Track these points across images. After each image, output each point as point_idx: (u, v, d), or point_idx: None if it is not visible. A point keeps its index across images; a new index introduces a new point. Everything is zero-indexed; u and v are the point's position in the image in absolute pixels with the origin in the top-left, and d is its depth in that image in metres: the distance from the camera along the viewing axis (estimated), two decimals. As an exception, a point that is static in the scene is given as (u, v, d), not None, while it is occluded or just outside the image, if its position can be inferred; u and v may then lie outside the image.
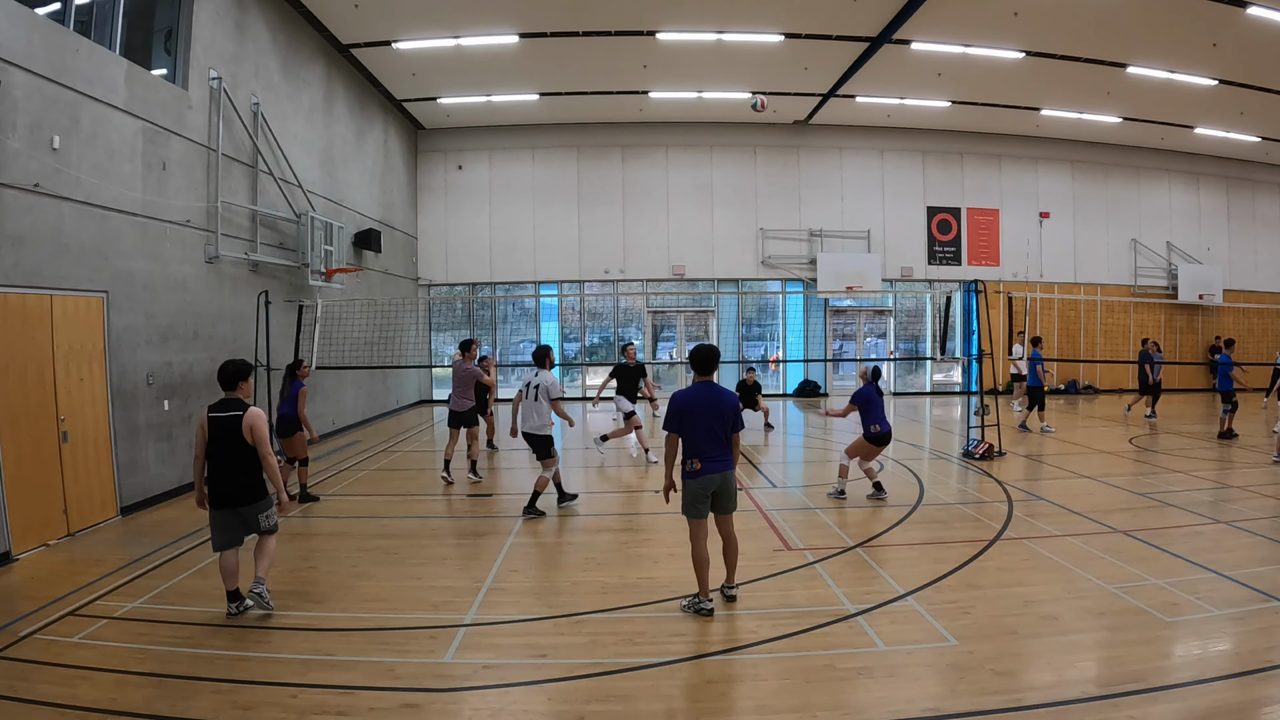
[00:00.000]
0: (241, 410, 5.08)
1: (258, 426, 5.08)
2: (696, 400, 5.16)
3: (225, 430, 5.05)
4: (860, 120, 19.82)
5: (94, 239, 7.76)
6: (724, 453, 5.17)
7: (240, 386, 5.17)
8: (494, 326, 20.78)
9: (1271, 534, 6.78)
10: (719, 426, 5.14)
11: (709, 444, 5.11)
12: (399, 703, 3.99)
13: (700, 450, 5.10)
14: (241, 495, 5.08)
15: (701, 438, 5.10)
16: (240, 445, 5.04)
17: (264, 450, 5.10)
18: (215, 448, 5.07)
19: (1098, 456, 11.25)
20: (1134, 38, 13.97)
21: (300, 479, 8.57)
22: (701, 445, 5.10)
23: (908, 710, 3.85)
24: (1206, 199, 22.07)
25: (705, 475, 5.09)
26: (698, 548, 5.16)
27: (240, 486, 5.08)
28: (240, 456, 5.06)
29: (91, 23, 8.10)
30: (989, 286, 14.65)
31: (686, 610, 5.13)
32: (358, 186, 15.67)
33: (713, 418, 5.12)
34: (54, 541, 6.95)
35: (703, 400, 5.16)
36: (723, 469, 5.14)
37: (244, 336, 10.62)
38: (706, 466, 5.09)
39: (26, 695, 4.06)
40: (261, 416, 5.14)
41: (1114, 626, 4.82)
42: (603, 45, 14.58)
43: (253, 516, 5.14)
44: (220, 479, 5.07)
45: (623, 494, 9.11)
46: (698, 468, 5.09)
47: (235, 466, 5.06)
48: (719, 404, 5.16)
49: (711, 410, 5.14)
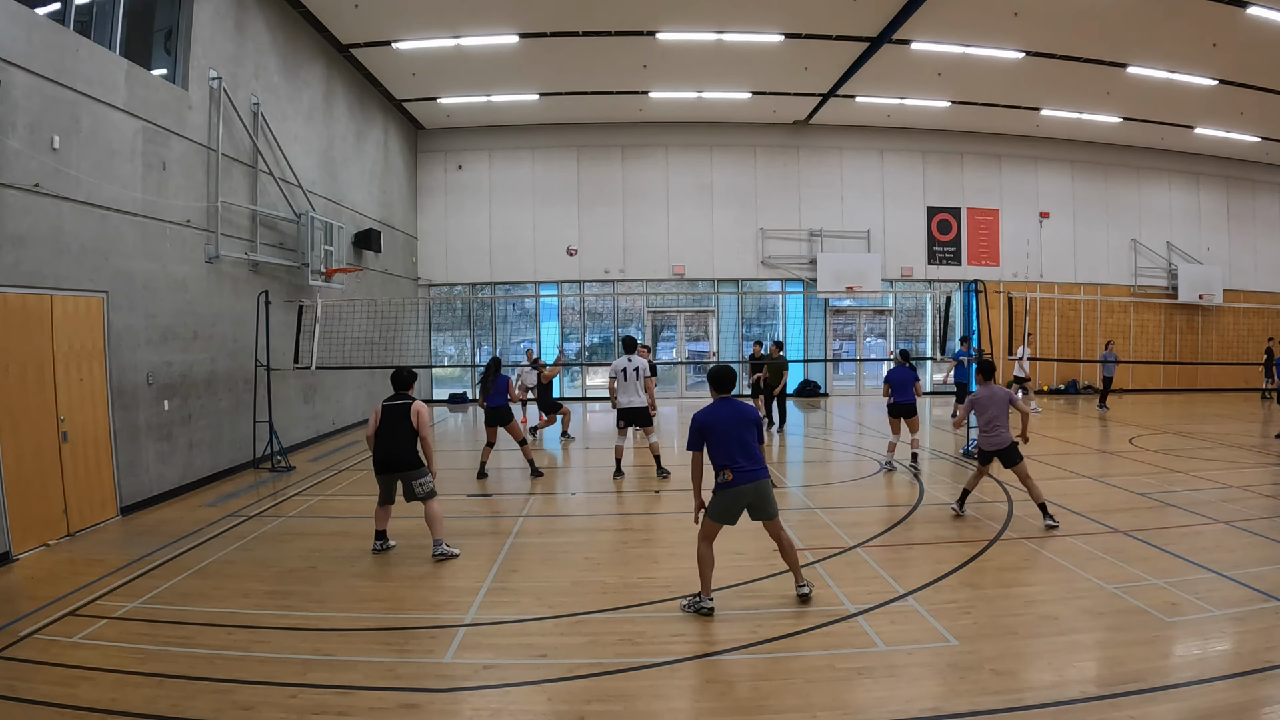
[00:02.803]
0: (410, 401, 6.57)
1: (422, 412, 6.51)
2: (719, 415, 5.17)
3: (396, 415, 6.48)
4: (860, 120, 19.82)
5: (94, 239, 7.76)
6: (756, 463, 5.13)
7: (411, 387, 6.71)
8: (494, 326, 20.78)
9: (1271, 534, 6.78)
10: (748, 436, 5.14)
11: (740, 455, 5.09)
12: (399, 703, 3.99)
13: (732, 461, 5.08)
14: (401, 465, 6.44)
15: (732, 449, 5.09)
16: (407, 426, 6.45)
17: (424, 433, 6.47)
18: (385, 428, 6.46)
19: (1098, 456, 11.25)
20: (1134, 38, 13.96)
21: (526, 455, 9.83)
22: (733, 456, 5.08)
23: (908, 710, 3.85)
24: (1206, 199, 22.07)
25: (738, 486, 5.07)
26: (703, 547, 5.14)
27: (400, 458, 6.42)
28: (405, 435, 6.44)
29: (91, 23, 8.10)
30: (989, 286, 14.65)
31: (686, 610, 5.12)
32: (358, 186, 15.67)
33: (740, 428, 5.14)
34: (54, 541, 6.95)
35: (725, 414, 5.18)
36: (755, 479, 5.11)
37: (244, 336, 10.62)
38: (739, 477, 5.06)
39: (26, 695, 4.06)
40: (424, 407, 6.60)
41: (1114, 626, 4.82)
42: (603, 45, 14.58)
43: (408, 483, 6.43)
44: (385, 450, 6.45)
45: (623, 494, 9.10)
46: (729, 479, 5.07)
47: (400, 442, 6.43)
48: (741, 416, 5.18)
49: (736, 422, 5.15)
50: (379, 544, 6.68)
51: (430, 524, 6.42)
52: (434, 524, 6.41)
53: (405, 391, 6.65)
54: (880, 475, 9.93)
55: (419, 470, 6.45)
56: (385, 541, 6.71)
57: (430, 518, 6.42)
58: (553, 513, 8.25)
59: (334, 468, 10.86)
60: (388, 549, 6.68)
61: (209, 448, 9.82)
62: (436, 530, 6.39)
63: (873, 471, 10.21)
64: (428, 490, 6.44)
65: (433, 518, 6.42)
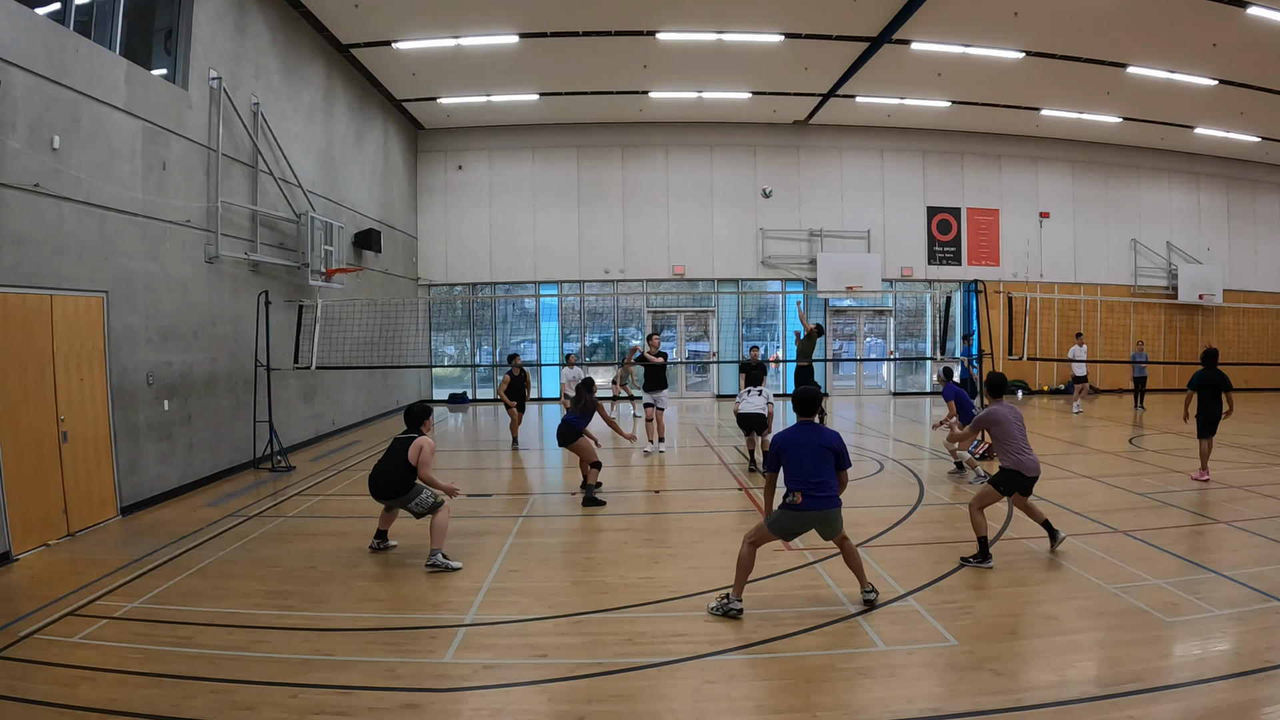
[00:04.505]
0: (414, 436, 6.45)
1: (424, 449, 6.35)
2: (797, 438, 5.17)
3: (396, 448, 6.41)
4: (860, 120, 19.82)
5: (94, 239, 7.76)
6: (828, 492, 5.08)
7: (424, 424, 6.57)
8: (494, 327, 20.78)
9: (1271, 534, 6.78)
10: (824, 464, 5.10)
11: (813, 480, 5.04)
12: (399, 703, 3.99)
13: (804, 485, 5.04)
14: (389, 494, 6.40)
15: (807, 474, 5.05)
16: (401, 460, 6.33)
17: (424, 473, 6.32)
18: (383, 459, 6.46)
19: (1098, 456, 11.25)
20: (1134, 38, 13.96)
21: (589, 479, 8.59)
22: (806, 481, 5.04)
23: (908, 710, 3.85)
24: (1206, 199, 22.07)
25: (804, 511, 5.04)
26: (748, 550, 5.14)
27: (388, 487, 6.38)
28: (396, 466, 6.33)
29: (91, 23, 8.09)
30: (989, 286, 14.66)
31: (714, 612, 5.08)
32: (358, 186, 15.67)
33: (817, 455, 5.09)
34: (54, 541, 6.95)
35: (804, 438, 5.16)
36: (825, 507, 5.06)
37: (244, 337, 10.62)
38: (808, 503, 5.02)
39: (26, 695, 4.06)
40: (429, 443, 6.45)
41: (1114, 626, 4.82)
42: (603, 45, 14.58)
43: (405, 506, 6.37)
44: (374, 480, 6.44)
45: (623, 494, 9.10)
46: (799, 501, 5.04)
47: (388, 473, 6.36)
48: (820, 441, 5.15)
49: (814, 448, 5.11)
50: (377, 542, 6.69)
51: (431, 533, 6.25)
52: (435, 533, 6.23)
53: (417, 427, 6.51)
54: (880, 475, 9.93)
55: (410, 493, 6.32)
56: (385, 541, 6.72)
57: (432, 527, 6.27)
58: (553, 513, 8.25)
59: (334, 468, 10.86)
60: (386, 548, 6.69)
61: (209, 448, 9.82)
62: (435, 539, 6.21)
63: (873, 471, 10.21)
64: (427, 506, 6.33)
65: (434, 527, 6.25)
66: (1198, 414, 9.26)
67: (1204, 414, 9.21)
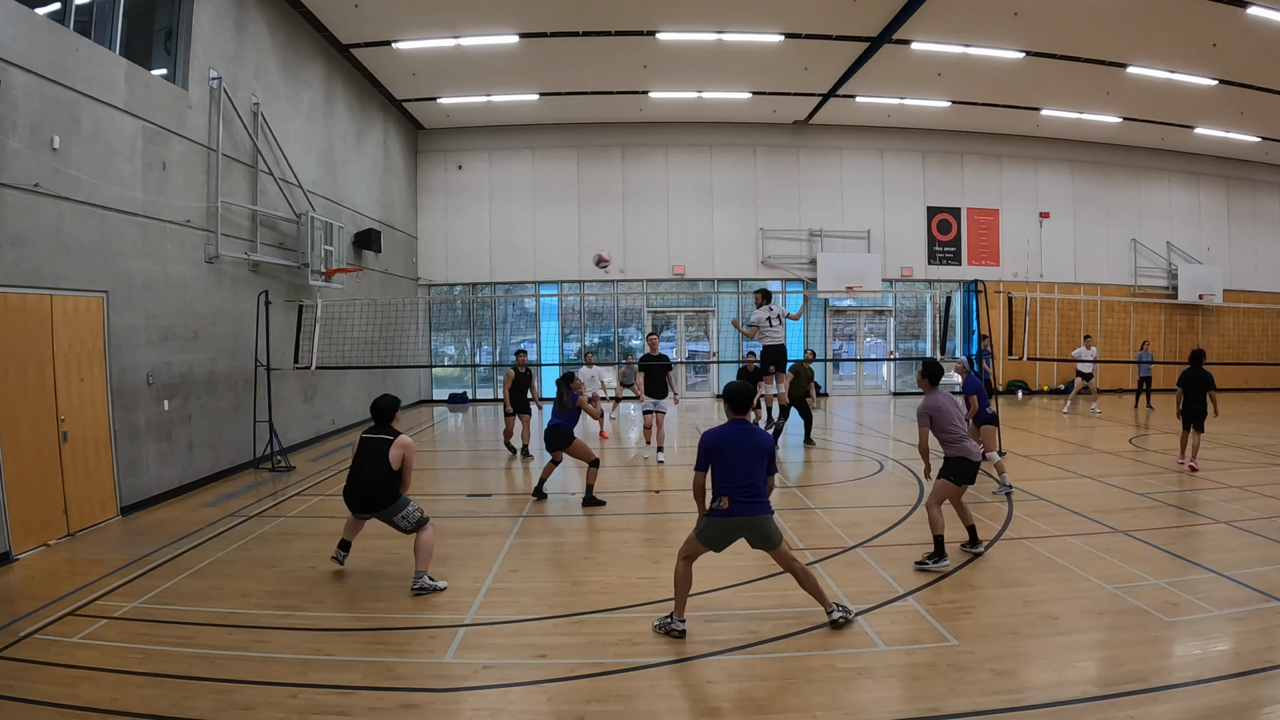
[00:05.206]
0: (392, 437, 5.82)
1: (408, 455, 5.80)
2: (730, 439, 4.80)
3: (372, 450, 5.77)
4: (860, 120, 19.82)
5: (94, 239, 7.76)
6: (759, 498, 4.74)
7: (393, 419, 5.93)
8: (494, 326, 20.78)
9: (1271, 534, 6.78)
10: (756, 466, 4.76)
11: (742, 483, 4.71)
12: (399, 703, 3.99)
13: (732, 490, 4.71)
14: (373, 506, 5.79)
15: (736, 477, 4.72)
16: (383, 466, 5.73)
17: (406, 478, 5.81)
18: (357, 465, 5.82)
19: (1098, 456, 11.25)
20: (1134, 38, 13.96)
21: (589, 479, 8.34)
22: (734, 485, 4.71)
23: (908, 710, 3.86)
24: (1206, 199, 22.07)
25: (730, 517, 4.70)
26: (682, 565, 4.85)
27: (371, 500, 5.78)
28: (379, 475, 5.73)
29: (91, 23, 8.09)
30: (989, 286, 14.65)
31: (658, 630, 4.81)
32: (358, 186, 15.67)
33: (749, 457, 4.75)
34: (54, 541, 6.95)
35: (737, 439, 4.80)
36: (754, 512, 4.70)
37: (244, 336, 10.62)
38: (734, 508, 4.69)
39: (26, 695, 4.06)
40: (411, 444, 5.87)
41: (1114, 626, 4.82)
42: (603, 45, 14.58)
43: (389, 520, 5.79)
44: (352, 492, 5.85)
45: (624, 494, 9.10)
46: (724, 506, 4.70)
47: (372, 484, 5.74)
48: (754, 445, 4.80)
49: (746, 450, 4.76)
50: (341, 554, 6.10)
51: (416, 553, 5.66)
52: (420, 553, 5.65)
53: (388, 424, 5.87)
54: (880, 475, 9.93)
55: (395, 505, 5.74)
56: (348, 552, 6.12)
57: (417, 546, 5.68)
58: (553, 513, 8.25)
59: (334, 468, 10.85)
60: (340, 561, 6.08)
61: (209, 448, 9.82)
62: (420, 560, 5.64)
63: (873, 471, 10.21)
64: (414, 521, 5.76)
65: (419, 547, 5.67)
66: (1182, 411, 9.86)
67: (1188, 411, 9.79)
